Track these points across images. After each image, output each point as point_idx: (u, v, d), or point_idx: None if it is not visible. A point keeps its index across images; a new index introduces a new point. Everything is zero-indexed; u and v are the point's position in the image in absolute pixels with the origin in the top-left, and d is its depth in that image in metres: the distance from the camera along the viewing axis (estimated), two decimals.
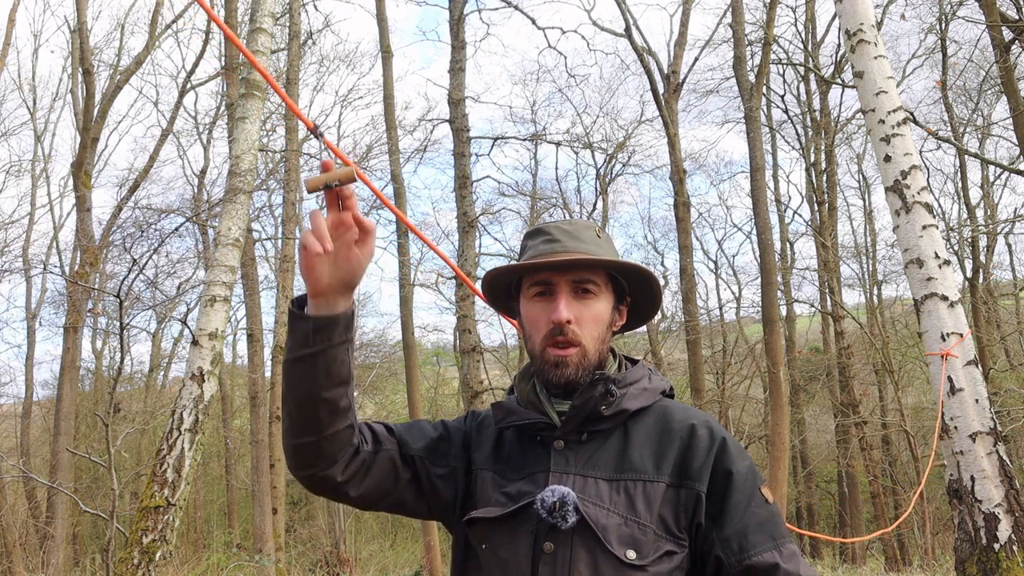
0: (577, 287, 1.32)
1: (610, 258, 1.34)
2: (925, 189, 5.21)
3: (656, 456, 1.28)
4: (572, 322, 1.30)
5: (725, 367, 18.77)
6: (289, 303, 1.27)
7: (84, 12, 14.47)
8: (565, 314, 1.29)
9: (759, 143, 12.95)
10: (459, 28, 11.82)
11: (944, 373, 4.85)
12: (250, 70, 6.04)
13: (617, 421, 1.31)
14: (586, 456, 1.29)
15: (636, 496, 1.24)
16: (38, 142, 19.30)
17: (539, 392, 1.36)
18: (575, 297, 1.32)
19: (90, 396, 18.49)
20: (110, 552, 5.69)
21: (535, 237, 1.38)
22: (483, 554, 1.29)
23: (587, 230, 1.37)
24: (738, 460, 1.28)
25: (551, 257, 1.31)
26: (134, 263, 6.85)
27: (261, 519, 11.37)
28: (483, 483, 1.34)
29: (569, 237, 1.34)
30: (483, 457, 1.38)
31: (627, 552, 1.20)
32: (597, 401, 1.29)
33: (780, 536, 1.24)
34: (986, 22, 10.75)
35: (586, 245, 1.34)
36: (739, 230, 27.58)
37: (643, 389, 1.34)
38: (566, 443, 1.30)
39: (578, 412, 1.30)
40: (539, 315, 1.33)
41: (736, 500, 1.24)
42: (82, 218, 13.77)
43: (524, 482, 1.30)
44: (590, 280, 1.33)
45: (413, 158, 16.90)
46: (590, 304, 1.33)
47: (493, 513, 1.28)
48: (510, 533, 1.26)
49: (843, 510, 18.23)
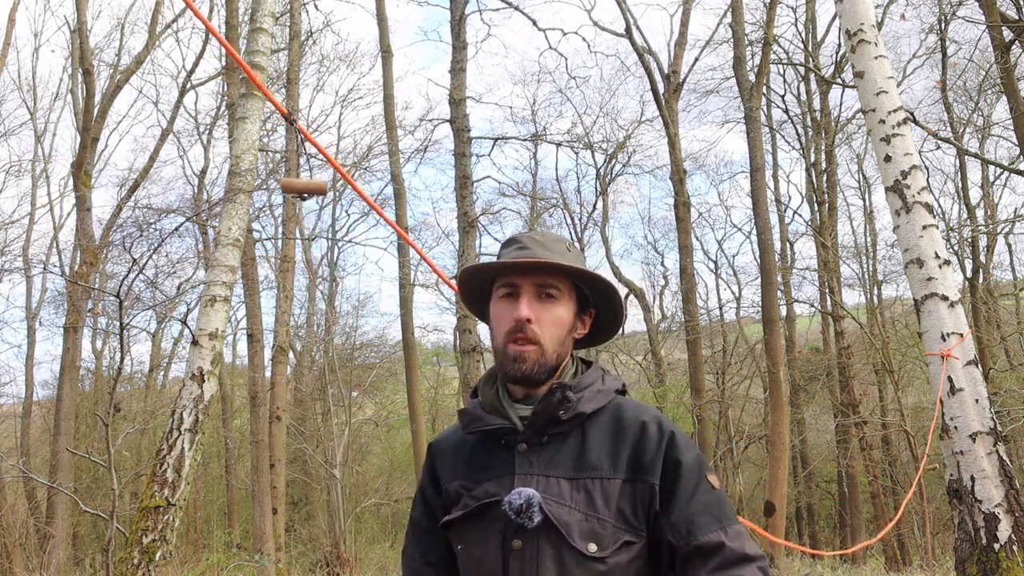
0: (540, 291, 1.42)
1: (572, 265, 1.42)
2: (925, 189, 5.21)
3: (611, 454, 1.38)
4: (532, 321, 1.40)
5: (725, 367, 18.75)
6: None
7: (84, 12, 14.47)
8: (526, 312, 1.39)
9: (759, 143, 12.95)
10: (460, 28, 11.82)
11: (944, 373, 4.85)
12: (251, 70, 6.04)
13: (574, 423, 1.41)
14: (547, 457, 1.39)
15: (595, 493, 1.34)
16: (38, 142, 19.32)
17: (502, 398, 1.45)
18: (538, 300, 1.41)
19: (90, 396, 18.48)
20: (110, 552, 5.69)
21: (509, 246, 1.48)
22: (460, 555, 1.42)
23: (557, 243, 1.47)
24: (686, 451, 1.38)
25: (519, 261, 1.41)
26: (134, 263, 6.85)
27: (261, 519, 11.37)
28: (455, 492, 1.45)
29: (539, 246, 1.44)
30: (448, 472, 1.48)
31: (588, 545, 1.31)
32: (555, 407, 1.39)
33: (726, 518, 1.34)
34: (986, 22, 10.75)
35: (553, 255, 1.42)
36: (739, 230, 27.59)
37: (597, 391, 1.43)
38: (528, 446, 1.40)
39: (538, 418, 1.39)
40: (504, 314, 1.43)
41: (684, 487, 1.35)
42: (82, 218, 13.77)
43: (490, 483, 1.40)
44: (553, 285, 1.42)
45: (413, 158, 16.92)
46: (551, 308, 1.42)
47: (459, 513, 1.40)
48: (480, 532, 1.37)
49: (843, 510, 18.22)
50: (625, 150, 19.71)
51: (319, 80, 20.22)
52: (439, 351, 24.56)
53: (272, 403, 12.12)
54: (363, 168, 15.78)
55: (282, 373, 12.56)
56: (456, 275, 1.57)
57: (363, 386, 18.59)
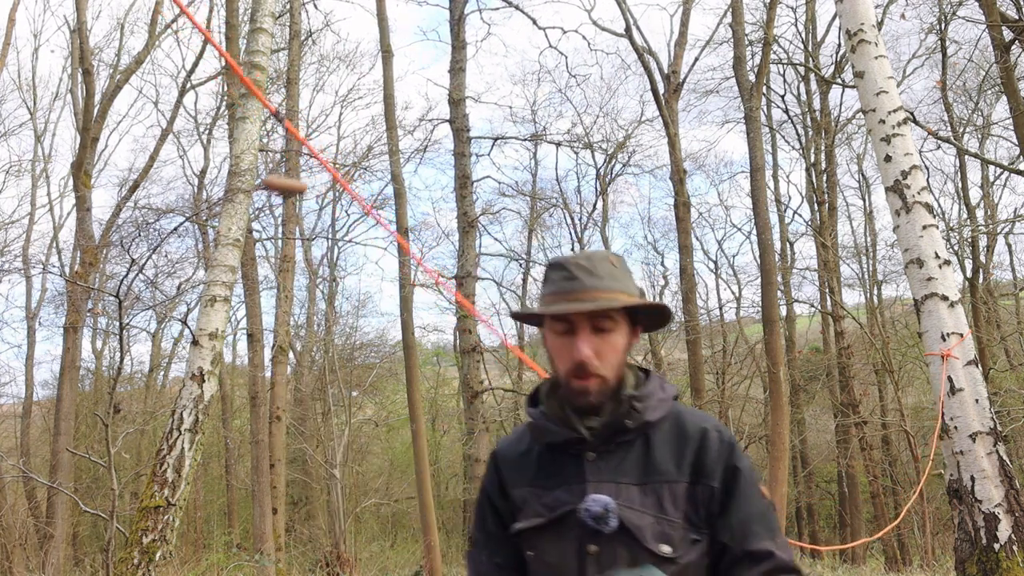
0: (595, 325, 1.45)
1: (626, 294, 1.46)
2: (925, 189, 5.21)
3: (676, 459, 1.45)
4: (593, 358, 1.44)
5: (725, 367, 18.75)
6: None
7: (84, 12, 14.47)
8: (586, 353, 1.43)
9: (759, 143, 12.95)
10: (459, 28, 11.82)
11: (944, 373, 4.85)
12: (250, 70, 6.03)
13: (639, 431, 1.48)
14: (615, 464, 1.46)
15: (663, 496, 1.42)
16: (38, 142, 19.32)
17: (567, 409, 1.50)
18: (595, 334, 1.45)
19: (90, 396, 18.48)
20: (110, 552, 5.69)
21: (556, 271, 1.50)
22: (531, 560, 1.48)
23: (603, 263, 1.49)
24: (743, 460, 1.47)
25: (570, 297, 1.44)
26: (132, 263, 6.85)
27: (261, 519, 11.37)
28: (522, 500, 1.51)
29: (586, 274, 1.46)
30: (518, 478, 1.54)
31: (661, 547, 1.38)
32: (622, 417, 1.46)
33: (775, 528, 1.44)
34: (986, 22, 10.75)
35: (604, 281, 1.46)
36: (739, 230, 27.56)
37: (659, 400, 1.49)
38: (596, 454, 1.46)
39: (606, 428, 1.46)
40: (562, 350, 1.47)
41: (741, 493, 1.44)
42: (82, 218, 13.77)
43: (561, 491, 1.46)
44: (607, 317, 1.46)
45: (413, 158, 16.88)
46: (608, 339, 1.46)
47: (536, 522, 1.46)
48: (556, 539, 1.44)
49: (843, 510, 18.22)
50: (625, 150, 19.70)
51: (319, 80, 20.19)
52: (439, 351, 24.56)
53: (272, 403, 12.12)
54: (363, 168, 15.78)
55: (282, 373, 12.56)
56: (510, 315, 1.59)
57: (363, 386, 18.58)
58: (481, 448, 11.59)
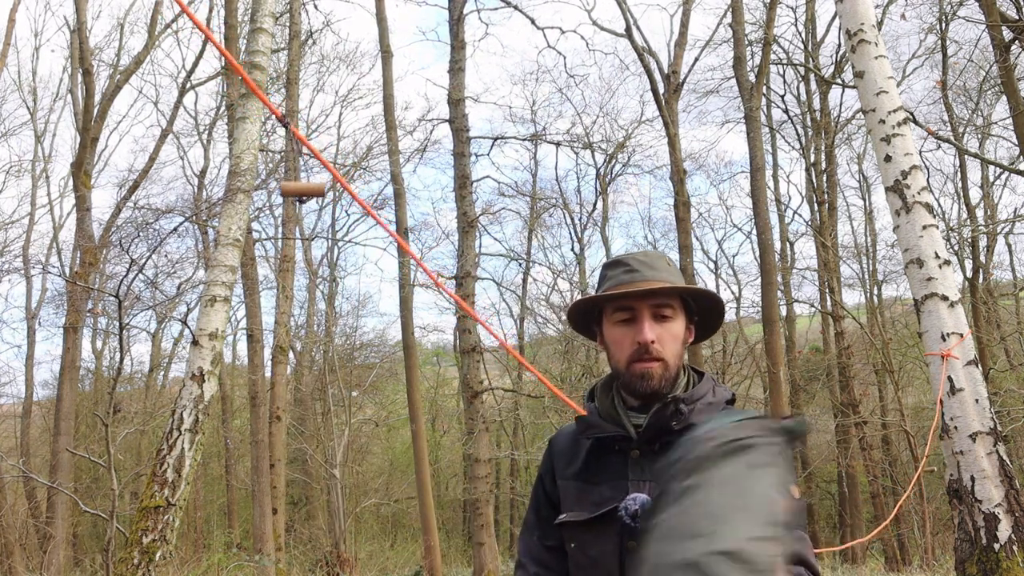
0: (656, 312, 1.51)
1: (684, 285, 1.53)
2: (925, 189, 5.21)
3: None
4: (655, 341, 1.49)
5: (725, 367, 18.76)
6: None
7: (84, 12, 14.48)
8: (650, 335, 1.48)
9: (759, 143, 12.96)
10: (459, 28, 11.82)
11: (944, 373, 4.85)
12: (250, 70, 6.03)
13: (684, 433, 1.48)
14: (658, 464, 1.47)
15: None
16: (38, 142, 19.32)
17: (618, 407, 1.54)
18: (655, 321, 1.51)
19: (90, 396, 18.48)
20: (110, 552, 5.69)
21: (615, 267, 1.57)
22: (572, 552, 1.53)
23: (660, 259, 1.57)
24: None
25: (633, 286, 1.51)
26: (132, 263, 6.85)
27: (261, 519, 11.37)
28: (567, 491, 1.57)
29: (647, 267, 1.54)
30: (565, 469, 1.59)
31: None
32: (669, 418, 1.48)
33: (799, 524, 1.42)
34: (986, 22, 10.75)
35: (662, 273, 1.53)
36: (739, 230, 27.49)
37: (708, 403, 1.51)
38: (641, 453, 1.49)
39: (652, 428, 1.49)
40: (623, 337, 1.51)
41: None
42: (82, 218, 13.77)
43: (606, 487, 1.50)
44: (668, 305, 1.52)
45: (413, 158, 16.88)
46: (668, 326, 1.51)
47: (582, 517, 1.51)
48: (597, 535, 1.49)
49: (843, 510, 18.22)
50: (625, 150, 19.72)
51: (319, 80, 20.23)
52: (439, 351, 24.57)
53: (272, 403, 12.12)
54: (363, 168, 15.79)
55: (282, 373, 12.56)
56: (566, 307, 1.60)
57: (363, 386, 18.59)
58: (481, 448, 11.57)
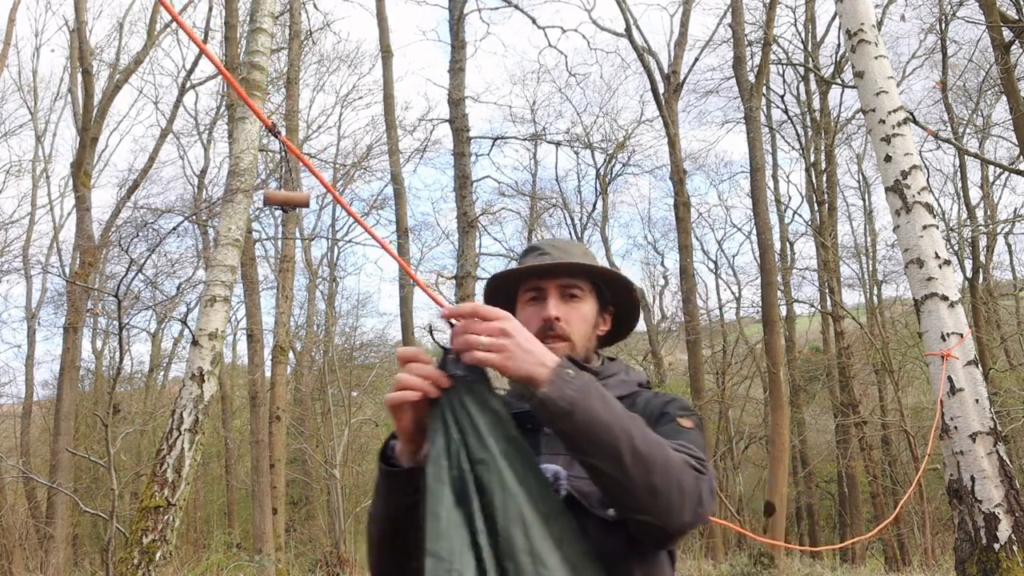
0: (564, 291, 1.51)
1: (591, 263, 1.53)
2: (925, 189, 5.21)
3: None
4: (561, 319, 1.48)
5: (725, 367, 18.74)
6: (381, 464, 1.36)
7: (83, 12, 14.48)
8: (554, 312, 1.48)
9: (759, 143, 12.96)
10: (459, 28, 11.82)
11: (944, 373, 4.85)
12: (250, 70, 6.03)
13: None
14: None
15: None
16: (38, 142, 19.31)
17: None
18: (563, 300, 1.51)
19: (90, 396, 18.47)
20: (110, 552, 5.69)
21: (530, 253, 1.58)
22: None
23: (575, 246, 1.59)
24: (676, 407, 1.43)
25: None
26: (132, 263, 6.85)
27: (261, 519, 11.37)
28: None
29: (559, 251, 1.55)
30: None
31: (608, 511, 1.35)
32: None
33: (691, 443, 1.35)
34: (986, 22, 10.76)
35: (575, 257, 1.53)
36: (739, 230, 27.48)
37: (621, 381, 1.51)
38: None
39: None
40: (531, 316, 1.51)
41: (665, 430, 1.38)
42: (82, 218, 13.77)
43: None
44: (575, 285, 1.52)
45: (413, 158, 16.89)
46: (576, 306, 1.52)
47: None
48: None
49: (843, 510, 18.22)
50: (625, 150, 19.70)
51: (319, 80, 20.19)
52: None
53: (272, 403, 12.12)
54: (363, 168, 15.78)
55: (282, 373, 12.56)
56: (484, 288, 1.63)
57: (363, 386, 18.57)
58: None
